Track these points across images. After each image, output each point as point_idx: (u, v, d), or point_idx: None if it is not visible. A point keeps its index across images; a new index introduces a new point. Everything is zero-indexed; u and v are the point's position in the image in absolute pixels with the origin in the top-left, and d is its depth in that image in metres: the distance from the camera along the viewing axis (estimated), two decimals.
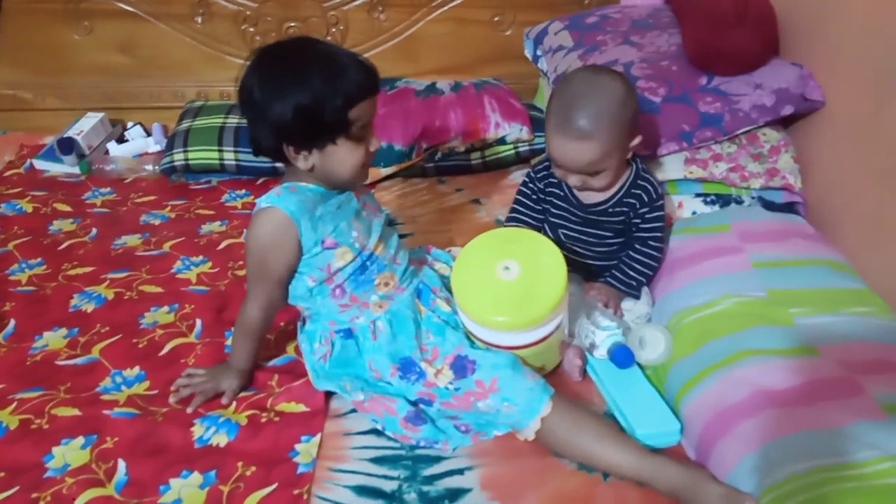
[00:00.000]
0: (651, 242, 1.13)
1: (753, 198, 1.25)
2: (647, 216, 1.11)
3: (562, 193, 1.16)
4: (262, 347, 1.05)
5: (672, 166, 1.25)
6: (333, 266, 0.97)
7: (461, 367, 0.95)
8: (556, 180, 1.15)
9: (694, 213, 1.26)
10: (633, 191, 1.11)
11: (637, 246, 1.13)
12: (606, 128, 1.00)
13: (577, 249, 1.16)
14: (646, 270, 1.13)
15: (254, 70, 0.91)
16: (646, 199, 1.10)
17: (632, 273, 1.12)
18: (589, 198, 1.13)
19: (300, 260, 0.96)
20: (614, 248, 1.16)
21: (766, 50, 1.28)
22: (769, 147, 1.26)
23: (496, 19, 1.86)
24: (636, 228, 1.13)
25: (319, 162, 0.93)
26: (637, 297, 1.14)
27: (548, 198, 1.18)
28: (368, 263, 1.00)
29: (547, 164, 1.15)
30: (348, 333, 1.02)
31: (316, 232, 0.94)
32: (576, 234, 1.16)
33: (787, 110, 1.23)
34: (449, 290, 1.09)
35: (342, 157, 0.93)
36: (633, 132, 1.05)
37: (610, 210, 1.12)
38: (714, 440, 0.86)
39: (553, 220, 1.18)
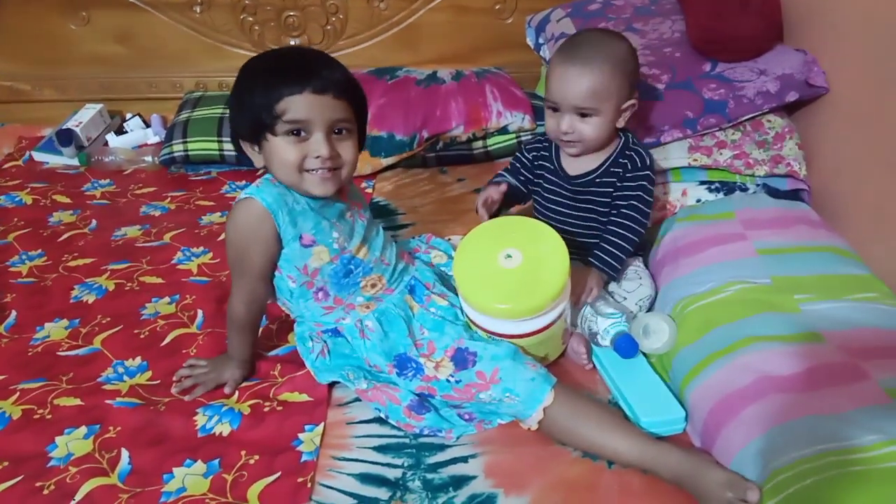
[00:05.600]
0: (625, 211, 1.07)
1: (758, 185, 1.24)
2: (626, 183, 1.08)
3: (552, 167, 1.15)
4: (257, 337, 1.05)
5: (676, 154, 1.24)
6: (311, 266, 0.96)
7: (462, 360, 0.95)
8: (547, 153, 1.15)
9: (698, 200, 1.25)
10: (620, 160, 1.09)
11: (612, 217, 1.08)
12: (608, 63, 1.01)
13: (570, 229, 1.14)
14: (621, 243, 1.06)
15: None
16: (630, 166, 1.08)
17: (608, 247, 1.06)
18: (575, 168, 1.12)
19: (280, 253, 0.95)
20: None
21: (770, 36, 1.27)
22: (774, 134, 1.25)
23: (497, 7, 1.85)
24: (615, 197, 1.09)
25: (266, 160, 0.92)
26: (615, 279, 1.09)
27: (537, 171, 1.17)
28: (352, 267, 0.99)
29: (540, 137, 1.16)
30: (336, 333, 1.02)
31: (295, 226, 0.93)
32: (567, 211, 1.14)
33: (792, 97, 1.23)
34: (444, 282, 1.08)
35: (274, 154, 0.90)
36: (630, 91, 1.05)
37: (597, 180, 1.10)
38: (719, 426, 0.86)
39: (545, 196, 1.17)
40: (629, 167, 1.08)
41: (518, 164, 1.20)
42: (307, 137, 0.89)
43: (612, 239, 1.08)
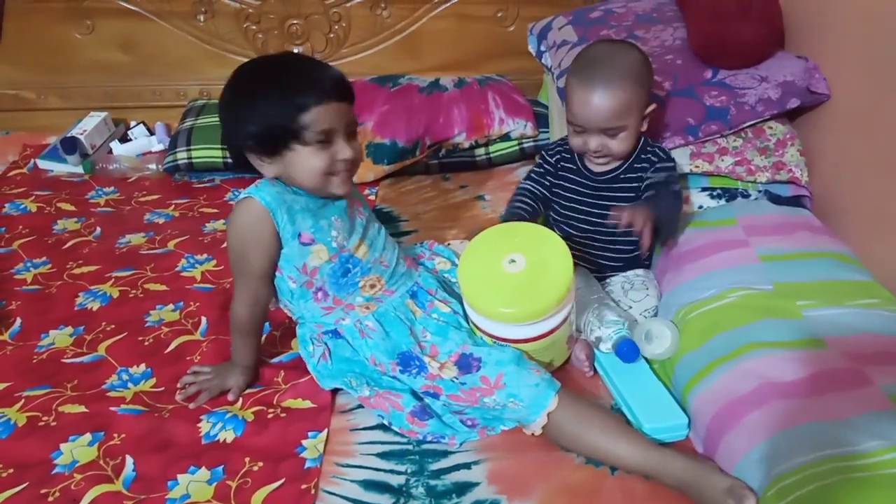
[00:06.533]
0: (672, 187, 1.10)
1: (760, 191, 1.24)
2: (658, 171, 1.11)
3: (574, 167, 1.18)
4: (261, 343, 1.06)
5: (678, 160, 1.24)
6: (310, 265, 0.97)
7: (466, 365, 0.95)
8: (569, 155, 1.18)
9: (700, 207, 1.25)
10: (642, 156, 1.13)
11: (660, 190, 1.09)
12: (627, 81, 1.04)
13: (587, 227, 1.16)
14: (675, 204, 1.10)
15: (226, 85, 0.94)
16: (655, 159, 1.12)
17: (664, 202, 1.08)
18: (599, 166, 1.15)
19: (280, 252, 0.96)
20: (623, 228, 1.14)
21: (771, 43, 1.28)
22: (775, 140, 1.25)
23: (499, 15, 1.86)
24: (647, 185, 1.11)
25: (283, 169, 0.94)
26: (665, 230, 1.08)
27: (560, 173, 1.19)
28: (350, 266, 1.00)
29: (559, 141, 1.19)
30: (335, 334, 1.02)
31: (294, 224, 0.95)
32: (587, 209, 1.16)
33: (793, 103, 1.23)
34: (447, 289, 1.09)
35: (301, 162, 0.92)
36: (649, 98, 1.10)
37: (622, 177, 1.13)
38: (721, 432, 0.86)
39: (565, 196, 1.19)
40: (654, 160, 1.12)
41: (541, 171, 1.21)
42: (331, 143, 0.92)
43: (666, 200, 1.08)
